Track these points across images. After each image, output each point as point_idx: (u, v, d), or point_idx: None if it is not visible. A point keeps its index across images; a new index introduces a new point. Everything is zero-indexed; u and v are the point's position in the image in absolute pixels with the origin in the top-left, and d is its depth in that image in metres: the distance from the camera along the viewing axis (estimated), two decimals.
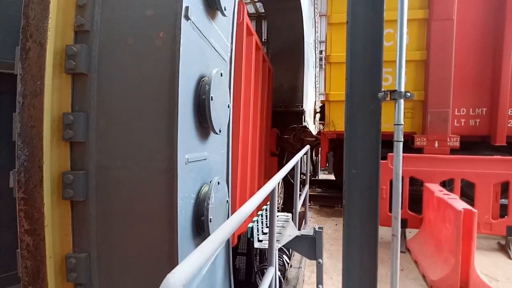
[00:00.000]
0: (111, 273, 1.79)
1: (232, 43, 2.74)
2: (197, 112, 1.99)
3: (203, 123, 2.07)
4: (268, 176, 6.84)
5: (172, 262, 1.70)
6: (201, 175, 2.09)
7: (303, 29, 8.27)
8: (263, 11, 9.33)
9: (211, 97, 1.99)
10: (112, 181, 1.76)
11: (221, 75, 2.23)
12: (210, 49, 2.21)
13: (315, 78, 14.10)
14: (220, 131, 2.23)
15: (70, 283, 1.78)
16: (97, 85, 1.76)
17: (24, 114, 1.68)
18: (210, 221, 2.01)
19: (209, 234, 2.02)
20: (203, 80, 2.03)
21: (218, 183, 2.22)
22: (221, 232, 1.29)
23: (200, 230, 2.02)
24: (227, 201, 2.49)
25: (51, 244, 1.72)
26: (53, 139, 1.72)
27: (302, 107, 8.63)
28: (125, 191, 1.75)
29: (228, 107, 2.47)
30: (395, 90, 2.18)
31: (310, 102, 10.14)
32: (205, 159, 2.15)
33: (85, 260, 1.76)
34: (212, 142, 2.30)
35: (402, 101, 2.19)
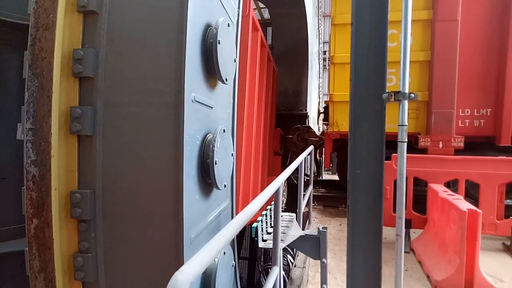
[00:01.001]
0: (116, 210, 1.78)
1: (239, 8, 2.76)
2: (204, 57, 2.00)
3: (211, 72, 2.08)
4: (271, 174, 6.85)
5: (177, 199, 1.70)
6: (207, 121, 2.09)
7: (307, 34, 8.32)
8: (267, 17, 9.40)
9: (218, 40, 2.01)
10: (119, 117, 1.78)
11: (228, 26, 2.23)
12: (217, 3, 2.22)
13: (319, 88, 14.13)
14: (226, 80, 2.24)
15: (74, 220, 1.78)
16: (107, 23, 1.79)
17: (36, 46, 1.70)
18: (216, 163, 1.99)
19: (215, 182, 2.02)
20: (210, 28, 2.05)
21: (224, 131, 2.21)
22: (227, 231, 1.32)
23: (206, 176, 2.00)
24: (232, 154, 2.47)
25: (57, 176, 1.71)
26: (63, 74, 1.74)
27: (305, 110, 8.68)
28: (132, 127, 1.76)
29: (235, 61, 2.47)
30: (399, 91, 2.19)
31: (313, 109, 10.17)
32: (212, 107, 2.16)
33: (90, 196, 1.75)
34: (219, 93, 2.31)
35: (406, 102, 2.20)
